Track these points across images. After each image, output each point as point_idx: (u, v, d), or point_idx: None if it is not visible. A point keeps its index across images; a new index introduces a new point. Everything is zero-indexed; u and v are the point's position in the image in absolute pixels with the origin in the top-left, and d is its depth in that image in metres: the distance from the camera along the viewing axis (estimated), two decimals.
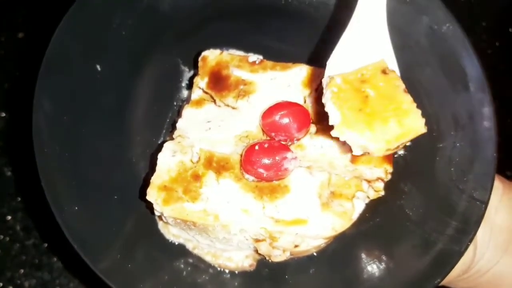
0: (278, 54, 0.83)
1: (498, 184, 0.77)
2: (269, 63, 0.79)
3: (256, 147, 0.70)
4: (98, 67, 0.79)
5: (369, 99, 0.62)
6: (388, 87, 0.63)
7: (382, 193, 0.74)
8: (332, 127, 0.63)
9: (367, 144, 0.61)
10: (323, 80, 0.66)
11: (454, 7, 0.78)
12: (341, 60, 0.68)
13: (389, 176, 0.73)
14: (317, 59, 0.78)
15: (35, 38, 1.09)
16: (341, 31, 0.69)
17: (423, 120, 0.61)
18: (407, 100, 0.62)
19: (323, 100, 0.64)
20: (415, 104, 0.62)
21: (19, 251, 0.98)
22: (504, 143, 0.73)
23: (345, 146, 0.73)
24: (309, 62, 0.80)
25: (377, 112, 0.61)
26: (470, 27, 0.77)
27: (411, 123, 0.61)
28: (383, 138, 0.60)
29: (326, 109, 0.63)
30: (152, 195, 0.69)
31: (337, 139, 0.63)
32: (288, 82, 0.77)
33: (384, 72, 0.64)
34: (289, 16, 0.85)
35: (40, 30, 0.79)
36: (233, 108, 0.76)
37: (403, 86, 0.63)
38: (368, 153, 0.62)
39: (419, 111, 0.62)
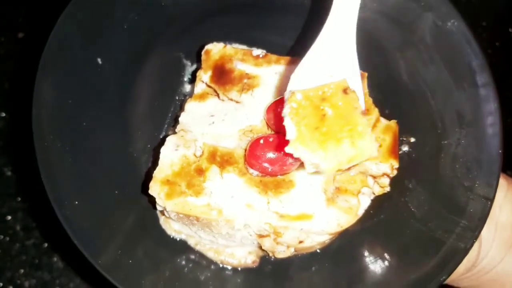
0: (281, 49, 0.82)
1: (503, 181, 0.76)
2: (274, 56, 0.78)
3: (261, 141, 0.69)
4: (99, 60, 0.78)
5: (326, 118, 0.62)
6: (346, 108, 0.63)
7: (388, 189, 0.74)
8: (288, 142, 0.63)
9: (319, 163, 0.61)
10: (285, 93, 0.66)
11: (454, 6, 0.78)
12: (306, 75, 0.67)
13: (395, 172, 0.72)
14: None
15: (35, 38, 1.09)
16: None
17: (376, 145, 0.62)
18: (363, 123, 0.62)
19: (282, 114, 0.64)
20: (370, 128, 0.63)
21: (19, 251, 0.98)
22: (505, 143, 0.73)
23: None
24: None
25: (332, 132, 0.61)
26: (470, 27, 0.77)
27: (364, 146, 0.61)
28: (335, 159, 0.61)
29: (284, 123, 0.63)
30: (154, 189, 0.68)
31: None
32: None
33: (345, 91, 0.64)
34: (292, 10, 0.84)
35: (40, 30, 0.78)
36: (237, 102, 0.75)
37: (361, 108, 0.63)
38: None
39: (373, 135, 0.62)
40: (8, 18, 1.12)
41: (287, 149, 0.62)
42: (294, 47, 0.83)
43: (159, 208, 0.70)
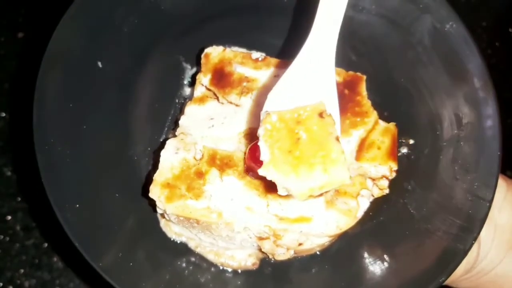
0: (281, 52, 0.83)
1: (502, 183, 0.76)
2: (273, 60, 0.78)
3: None
4: (100, 64, 0.78)
5: (300, 142, 0.61)
6: (321, 132, 0.62)
7: (387, 191, 0.74)
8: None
9: (291, 187, 0.60)
10: (261, 113, 0.66)
11: (454, 7, 0.78)
12: (283, 95, 0.66)
13: (394, 174, 0.73)
14: None
15: (35, 38, 1.09)
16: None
17: (348, 172, 0.61)
18: (337, 149, 0.61)
19: (257, 134, 0.64)
20: (344, 155, 0.61)
21: (19, 251, 0.98)
22: (504, 144, 0.73)
23: (350, 143, 0.73)
24: None
25: (305, 157, 0.61)
26: (470, 28, 0.77)
27: (336, 173, 0.60)
28: (307, 185, 0.60)
29: (258, 143, 0.63)
30: (155, 192, 0.68)
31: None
32: None
33: (320, 115, 0.63)
34: (291, 13, 0.84)
35: (40, 30, 0.78)
36: (236, 105, 0.76)
37: (336, 133, 0.62)
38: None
39: (346, 162, 0.61)
40: (8, 18, 1.12)
41: (260, 172, 0.61)
42: (293, 50, 0.83)
43: (159, 211, 0.70)
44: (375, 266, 0.74)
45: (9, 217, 0.99)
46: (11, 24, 1.12)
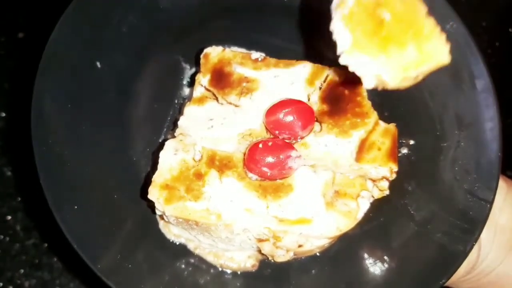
0: (281, 52, 0.82)
1: (502, 184, 0.76)
2: (272, 60, 0.77)
3: (260, 145, 0.69)
4: (98, 64, 0.77)
5: (385, 23, 0.53)
6: (407, 10, 0.54)
7: (387, 192, 0.73)
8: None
9: (381, 71, 0.53)
10: (332, 3, 0.57)
11: (454, 7, 0.77)
12: None
13: (394, 175, 0.72)
14: (320, 56, 0.78)
15: (35, 38, 1.08)
16: None
17: (447, 48, 0.53)
18: (429, 24, 0.53)
19: (331, 27, 0.56)
20: (438, 29, 0.54)
21: (19, 251, 0.98)
22: (505, 144, 0.72)
23: (350, 144, 0.72)
24: (312, 59, 0.79)
25: (393, 37, 0.53)
26: (470, 27, 0.77)
27: (433, 50, 0.53)
28: (400, 64, 0.52)
29: (334, 36, 0.55)
30: (153, 194, 0.68)
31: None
32: (292, 79, 0.75)
33: None
34: (291, 13, 0.84)
35: (40, 30, 0.78)
36: (236, 105, 0.75)
37: (425, 9, 0.55)
38: (381, 86, 0.55)
39: (443, 37, 0.54)
40: (8, 18, 1.12)
41: (341, 60, 0.54)
42: (293, 50, 0.83)
43: (158, 212, 0.70)
44: (375, 268, 0.73)
45: (9, 217, 0.99)
46: (11, 24, 1.12)
